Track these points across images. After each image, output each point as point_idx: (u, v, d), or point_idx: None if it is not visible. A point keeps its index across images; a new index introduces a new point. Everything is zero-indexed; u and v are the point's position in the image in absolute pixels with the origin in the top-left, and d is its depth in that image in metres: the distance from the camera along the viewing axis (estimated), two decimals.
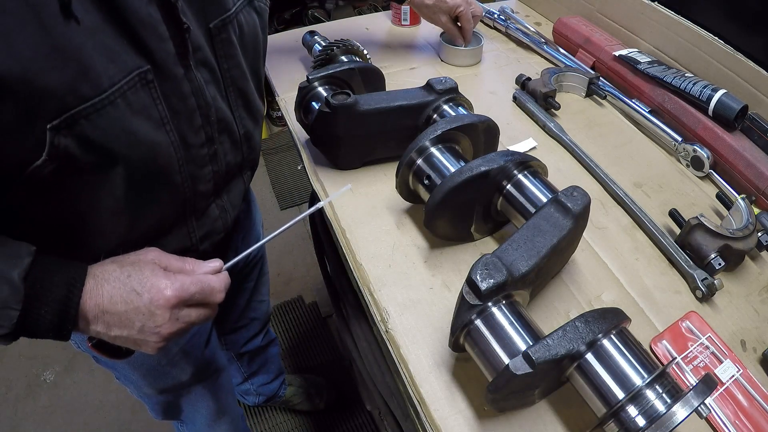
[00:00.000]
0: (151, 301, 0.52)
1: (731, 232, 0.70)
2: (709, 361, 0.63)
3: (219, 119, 0.67)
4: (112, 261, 0.55)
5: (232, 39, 0.65)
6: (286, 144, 2.68)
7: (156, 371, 0.90)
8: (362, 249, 0.73)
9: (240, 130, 0.73)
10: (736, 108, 0.85)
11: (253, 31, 0.70)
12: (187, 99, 0.60)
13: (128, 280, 0.52)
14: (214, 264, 0.59)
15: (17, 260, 0.49)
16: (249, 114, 0.75)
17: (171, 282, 0.53)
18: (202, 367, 0.96)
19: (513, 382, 0.47)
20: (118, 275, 0.52)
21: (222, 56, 0.64)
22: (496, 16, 1.26)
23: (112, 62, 0.50)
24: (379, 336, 0.67)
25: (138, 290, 0.51)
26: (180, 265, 0.56)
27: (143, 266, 0.53)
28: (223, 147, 0.70)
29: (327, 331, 1.89)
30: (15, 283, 0.47)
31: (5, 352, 1.87)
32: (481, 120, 0.73)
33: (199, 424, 1.11)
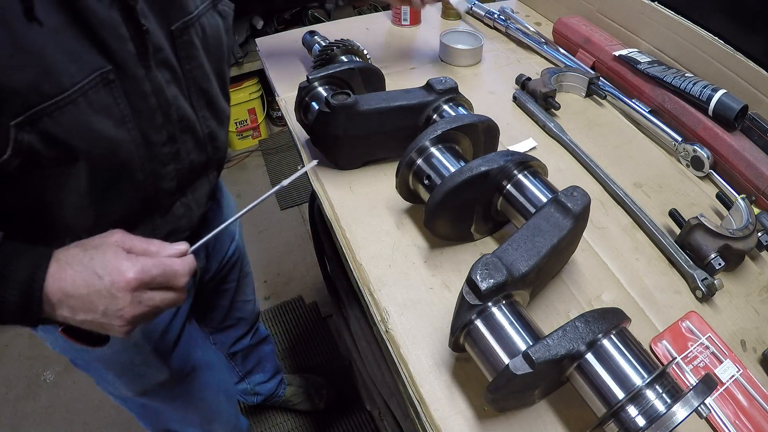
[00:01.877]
0: (112, 283, 0.51)
1: (731, 232, 0.70)
2: (709, 361, 0.63)
3: (180, 118, 0.68)
4: (76, 245, 0.54)
5: (194, 41, 0.67)
6: (286, 144, 2.68)
7: (131, 372, 0.89)
8: (362, 249, 0.73)
9: (204, 129, 0.74)
10: (736, 108, 0.85)
11: (216, 33, 0.71)
12: (147, 98, 0.61)
13: (90, 263, 0.51)
14: (179, 247, 0.57)
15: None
16: (213, 114, 0.76)
17: (132, 264, 0.52)
18: (179, 365, 0.94)
19: (513, 382, 0.47)
20: (81, 258, 0.52)
21: (184, 57, 0.66)
22: (496, 16, 1.26)
23: (74, 62, 0.52)
24: (379, 336, 0.67)
25: (99, 273, 0.51)
26: (144, 246, 0.55)
27: (106, 249, 0.53)
28: (186, 146, 0.71)
29: (327, 331, 1.88)
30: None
31: (5, 352, 1.87)
32: (481, 120, 0.73)
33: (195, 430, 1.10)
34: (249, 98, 2.51)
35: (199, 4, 0.67)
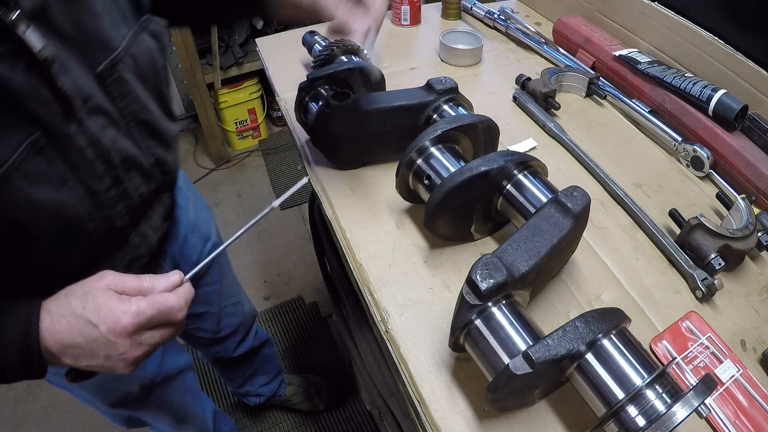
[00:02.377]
0: (108, 331, 0.50)
1: (731, 232, 0.70)
2: (709, 361, 0.63)
3: (123, 159, 0.65)
4: (66, 293, 0.53)
5: (125, 76, 0.62)
6: (286, 144, 2.68)
7: (104, 388, 0.89)
8: (362, 249, 0.73)
9: (149, 159, 0.71)
10: (736, 108, 0.85)
11: (149, 57, 0.67)
12: (83, 152, 0.58)
13: (83, 311, 0.50)
14: (172, 279, 0.56)
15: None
16: (157, 141, 0.73)
17: (127, 308, 0.51)
18: (150, 377, 0.94)
19: (513, 382, 0.47)
20: (73, 308, 0.51)
21: (117, 96, 0.62)
22: (496, 16, 1.26)
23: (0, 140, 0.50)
24: (379, 336, 0.67)
25: (94, 322, 0.50)
26: (137, 284, 0.54)
27: (97, 294, 0.51)
28: (134, 182, 0.69)
29: (327, 331, 1.88)
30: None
31: None
32: (481, 120, 0.73)
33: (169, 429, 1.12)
34: (249, 98, 2.51)
35: (126, 33, 0.62)
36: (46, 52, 0.49)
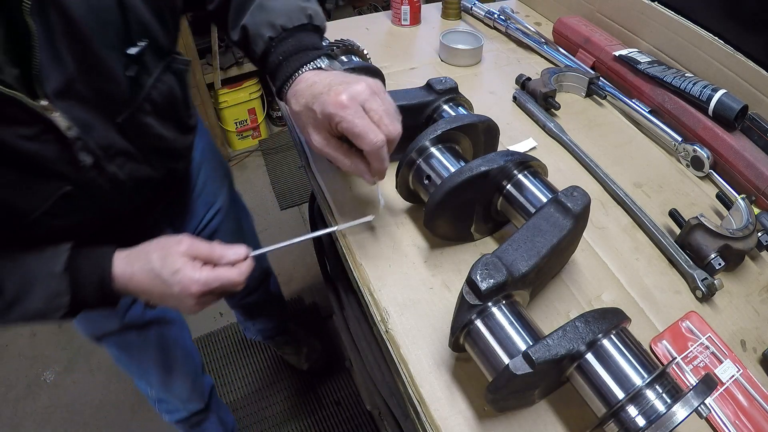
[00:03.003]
0: (180, 292, 0.60)
1: (731, 232, 0.70)
2: (709, 361, 0.63)
3: (136, 183, 0.72)
4: (147, 250, 0.62)
5: (143, 120, 0.68)
6: (286, 144, 2.68)
7: (84, 317, 0.95)
8: (362, 249, 0.73)
9: (161, 173, 0.78)
10: (736, 108, 0.85)
11: (169, 95, 0.72)
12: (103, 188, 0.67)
13: (161, 271, 0.60)
14: (239, 252, 0.63)
15: (57, 257, 0.61)
16: (171, 157, 0.81)
17: (197, 278, 0.60)
18: (130, 320, 0.98)
19: (513, 382, 0.47)
20: (153, 266, 0.60)
21: (135, 137, 0.68)
22: (496, 16, 1.26)
23: (33, 195, 0.60)
24: (379, 336, 0.67)
25: (169, 283, 0.60)
26: (208, 253, 0.62)
27: (175, 259, 0.60)
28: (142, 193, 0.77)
29: (327, 331, 1.88)
30: (59, 276, 0.60)
31: (5, 352, 1.87)
32: (481, 120, 0.73)
33: (155, 381, 1.13)
34: (249, 98, 2.51)
35: (146, 82, 0.66)
36: (71, 132, 0.58)
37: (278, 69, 0.66)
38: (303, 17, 0.67)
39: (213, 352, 1.85)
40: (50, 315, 0.62)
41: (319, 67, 0.64)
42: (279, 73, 0.66)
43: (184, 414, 1.22)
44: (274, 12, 0.66)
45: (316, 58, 0.64)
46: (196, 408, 1.23)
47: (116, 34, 0.59)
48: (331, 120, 0.57)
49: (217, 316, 1.96)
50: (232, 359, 1.84)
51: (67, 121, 0.57)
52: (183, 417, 1.23)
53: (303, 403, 1.70)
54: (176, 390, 1.16)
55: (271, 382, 1.76)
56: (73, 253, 0.62)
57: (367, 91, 0.57)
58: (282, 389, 1.74)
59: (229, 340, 1.89)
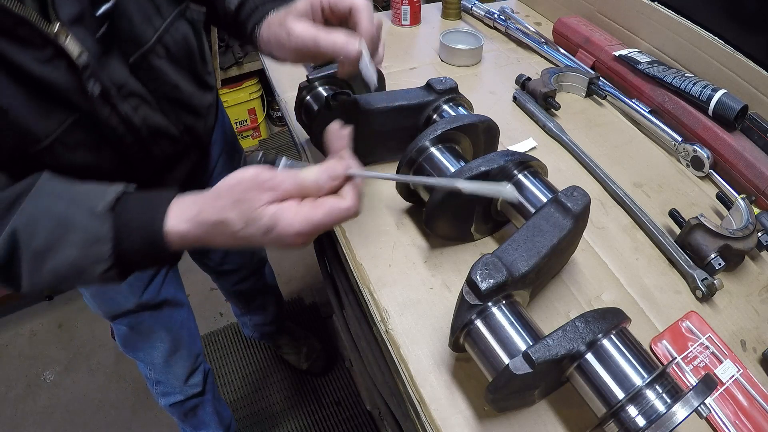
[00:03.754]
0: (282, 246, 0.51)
1: (731, 232, 0.70)
2: (709, 361, 0.63)
3: (152, 132, 0.72)
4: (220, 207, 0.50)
5: (156, 64, 0.69)
6: (286, 144, 2.68)
7: (101, 294, 0.97)
8: (362, 249, 0.73)
9: (179, 128, 0.78)
10: (736, 108, 0.85)
11: (184, 43, 0.73)
12: (116, 128, 0.66)
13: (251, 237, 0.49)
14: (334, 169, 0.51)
15: (103, 196, 0.52)
16: (188, 112, 0.79)
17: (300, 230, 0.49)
18: (146, 298, 1.00)
19: (513, 382, 0.47)
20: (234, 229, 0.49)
21: (148, 81, 0.68)
22: (496, 16, 1.26)
23: (46, 120, 0.59)
24: (379, 336, 0.67)
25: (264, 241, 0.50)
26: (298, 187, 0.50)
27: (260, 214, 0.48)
28: (160, 146, 0.76)
29: (327, 331, 1.89)
30: (100, 216, 0.51)
31: (5, 352, 1.87)
32: (481, 120, 0.73)
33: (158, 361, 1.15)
34: (249, 98, 2.51)
35: (159, 25, 0.67)
36: (81, 59, 0.57)
37: (253, 13, 0.67)
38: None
39: (213, 352, 1.85)
40: (89, 270, 0.51)
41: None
42: (253, 16, 0.67)
43: (180, 397, 1.23)
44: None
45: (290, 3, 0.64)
46: (193, 391, 1.24)
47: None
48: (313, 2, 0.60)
49: (217, 316, 1.96)
50: (232, 359, 1.84)
51: (79, 47, 0.56)
52: (179, 400, 1.24)
53: (303, 403, 1.70)
54: (176, 370, 1.18)
55: (271, 381, 1.76)
56: (123, 195, 0.53)
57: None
58: (282, 389, 1.74)
59: (229, 339, 1.89)
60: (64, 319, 1.97)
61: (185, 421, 1.32)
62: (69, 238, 0.50)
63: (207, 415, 1.33)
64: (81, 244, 0.50)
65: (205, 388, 1.27)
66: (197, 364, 1.23)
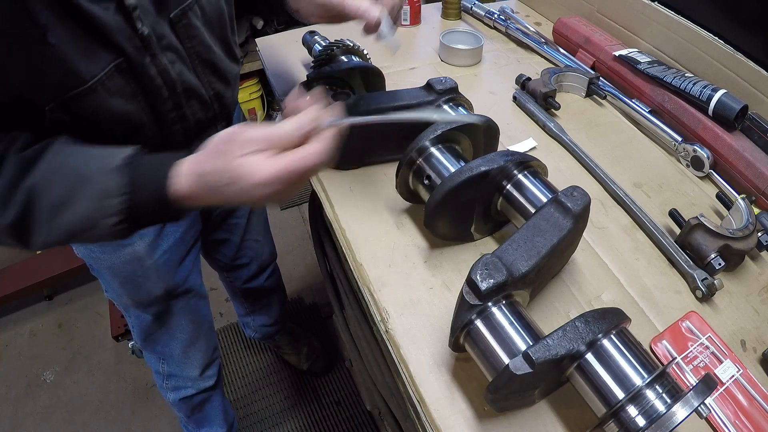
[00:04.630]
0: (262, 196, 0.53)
1: (731, 232, 0.70)
2: (709, 361, 0.63)
3: (186, 89, 0.75)
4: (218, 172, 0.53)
5: (193, 23, 0.72)
6: None
7: (131, 281, 0.98)
8: (362, 249, 0.73)
9: (209, 92, 0.81)
10: (736, 108, 0.85)
11: (216, 7, 0.77)
12: (154, 79, 0.69)
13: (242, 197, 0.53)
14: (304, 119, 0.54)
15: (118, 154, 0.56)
16: (218, 78, 0.82)
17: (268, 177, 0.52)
18: (174, 284, 1.03)
19: (513, 382, 0.47)
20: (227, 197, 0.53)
21: (185, 38, 0.72)
22: (496, 16, 1.26)
23: (91, 61, 0.60)
24: (379, 336, 0.67)
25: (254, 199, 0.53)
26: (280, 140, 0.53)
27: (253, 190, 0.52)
28: (192, 109, 0.79)
29: (327, 331, 1.89)
30: (116, 170, 0.54)
31: (5, 352, 1.87)
32: (481, 120, 0.73)
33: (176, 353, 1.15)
34: (249, 98, 2.51)
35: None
36: (131, 1, 0.60)
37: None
38: None
39: None
40: (101, 223, 0.54)
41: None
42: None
43: (192, 391, 1.24)
44: None
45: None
46: (207, 384, 1.25)
47: None
48: None
49: (217, 316, 1.96)
50: (233, 359, 1.84)
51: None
52: (189, 394, 1.24)
53: (303, 403, 1.70)
54: (194, 362, 1.19)
55: (271, 381, 1.76)
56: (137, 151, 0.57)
57: None
58: (282, 389, 1.74)
59: (229, 339, 1.89)
60: (64, 319, 1.97)
61: (191, 417, 1.32)
62: (84, 192, 0.54)
63: (213, 410, 1.33)
64: (95, 197, 0.54)
65: (218, 382, 1.28)
66: (214, 357, 1.24)
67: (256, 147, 0.52)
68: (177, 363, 1.18)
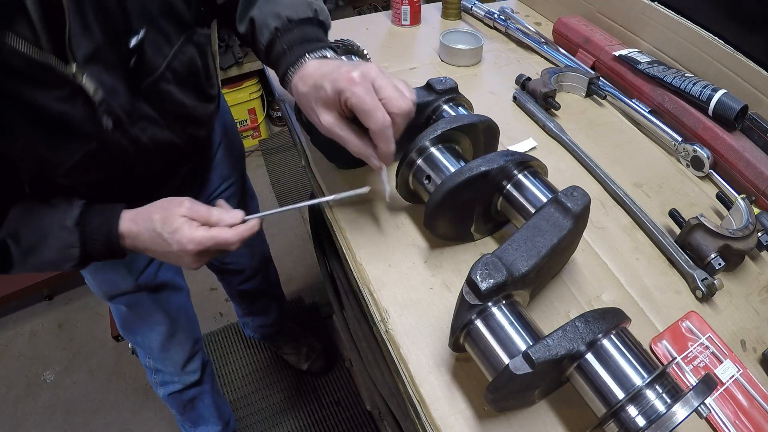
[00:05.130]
0: (178, 250, 0.65)
1: (731, 232, 0.70)
2: (709, 361, 0.63)
3: (158, 146, 0.77)
4: (151, 211, 0.67)
5: (165, 88, 0.73)
6: (286, 144, 2.68)
7: (101, 275, 1.01)
8: (362, 249, 0.73)
9: (182, 139, 0.82)
10: (736, 108, 0.85)
11: (190, 65, 0.76)
12: (126, 149, 0.72)
13: (162, 230, 0.65)
14: (235, 216, 0.68)
15: (70, 213, 0.67)
16: (191, 122, 0.84)
17: (192, 238, 0.65)
18: (145, 280, 1.04)
19: (513, 382, 0.47)
20: (154, 225, 0.65)
21: (157, 103, 0.73)
22: (496, 16, 1.26)
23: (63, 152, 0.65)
24: (379, 336, 0.67)
25: (168, 241, 0.65)
26: (206, 216, 0.67)
27: (174, 220, 0.65)
28: (164, 156, 0.80)
29: (327, 331, 1.89)
30: (71, 229, 0.66)
31: (5, 352, 1.87)
32: (481, 120, 0.73)
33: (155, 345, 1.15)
34: (249, 98, 2.52)
35: (168, 52, 0.70)
36: (97, 96, 0.62)
37: (283, 56, 0.68)
38: (309, 11, 0.71)
39: (213, 352, 1.85)
40: (63, 265, 0.68)
41: (324, 56, 0.66)
42: (283, 60, 0.68)
43: (179, 386, 1.24)
44: (281, 4, 0.70)
45: (320, 48, 0.66)
46: (191, 379, 1.24)
47: (143, 10, 0.64)
48: (341, 95, 0.58)
49: (217, 316, 1.96)
50: (232, 359, 1.84)
51: (94, 84, 0.61)
52: (177, 389, 1.24)
53: (303, 403, 1.70)
54: (174, 355, 1.18)
55: (271, 381, 1.77)
56: (84, 209, 0.67)
57: (377, 71, 0.59)
58: (282, 389, 1.74)
59: (229, 339, 1.89)
60: (64, 319, 1.97)
61: (184, 415, 1.31)
62: (48, 244, 0.66)
63: (206, 408, 1.33)
64: (57, 250, 0.67)
65: (203, 377, 1.27)
66: (195, 350, 1.23)
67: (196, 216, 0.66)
68: (158, 355, 1.18)
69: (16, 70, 0.54)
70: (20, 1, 0.51)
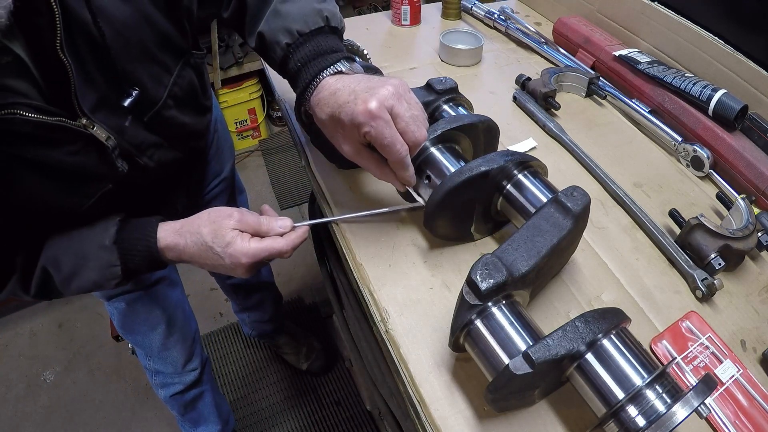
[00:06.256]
0: (231, 263, 0.65)
1: (731, 232, 0.70)
2: (709, 361, 0.63)
3: (163, 165, 0.78)
4: (198, 223, 0.66)
5: (167, 114, 0.73)
6: (286, 144, 2.68)
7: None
8: (362, 249, 0.73)
9: (184, 152, 0.83)
10: (736, 108, 0.85)
11: (188, 87, 0.76)
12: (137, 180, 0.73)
13: (213, 244, 0.65)
14: (284, 223, 0.68)
15: (107, 232, 0.67)
16: (192, 138, 0.87)
17: (246, 251, 0.64)
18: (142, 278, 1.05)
19: (513, 382, 0.47)
20: (204, 238, 0.65)
21: (161, 129, 0.74)
22: (496, 16, 1.26)
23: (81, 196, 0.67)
24: (379, 336, 0.67)
25: (221, 255, 0.65)
26: (256, 226, 0.66)
27: (225, 233, 0.64)
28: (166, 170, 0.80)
29: (327, 331, 1.89)
30: (109, 248, 0.66)
31: (5, 352, 1.87)
32: (481, 120, 0.73)
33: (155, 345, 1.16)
34: (249, 98, 2.52)
35: (167, 82, 0.71)
36: (110, 142, 0.63)
37: (298, 76, 0.66)
38: (319, 20, 0.67)
39: (213, 352, 1.85)
40: (106, 284, 0.68)
41: (339, 71, 0.64)
42: (299, 80, 0.66)
43: (180, 387, 1.24)
44: (290, 17, 0.66)
45: (335, 62, 0.64)
46: (191, 378, 1.24)
47: (141, 49, 0.64)
48: (360, 129, 0.58)
49: (217, 316, 1.96)
50: (232, 359, 1.84)
51: (105, 132, 0.62)
52: (178, 390, 1.24)
53: (303, 403, 1.70)
54: (174, 354, 1.18)
55: (271, 381, 1.77)
56: (120, 226, 0.68)
57: (393, 95, 0.58)
58: (281, 389, 1.74)
59: (229, 339, 1.89)
60: (64, 319, 1.97)
61: (185, 415, 1.31)
62: (89, 266, 0.66)
63: (207, 407, 1.33)
64: (99, 270, 0.66)
65: (203, 376, 1.27)
66: (194, 348, 1.23)
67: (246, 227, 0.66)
68: (158, 355, 1.18)
69: (30, 136, 0.55)
70: (25, 67, 0.51)
